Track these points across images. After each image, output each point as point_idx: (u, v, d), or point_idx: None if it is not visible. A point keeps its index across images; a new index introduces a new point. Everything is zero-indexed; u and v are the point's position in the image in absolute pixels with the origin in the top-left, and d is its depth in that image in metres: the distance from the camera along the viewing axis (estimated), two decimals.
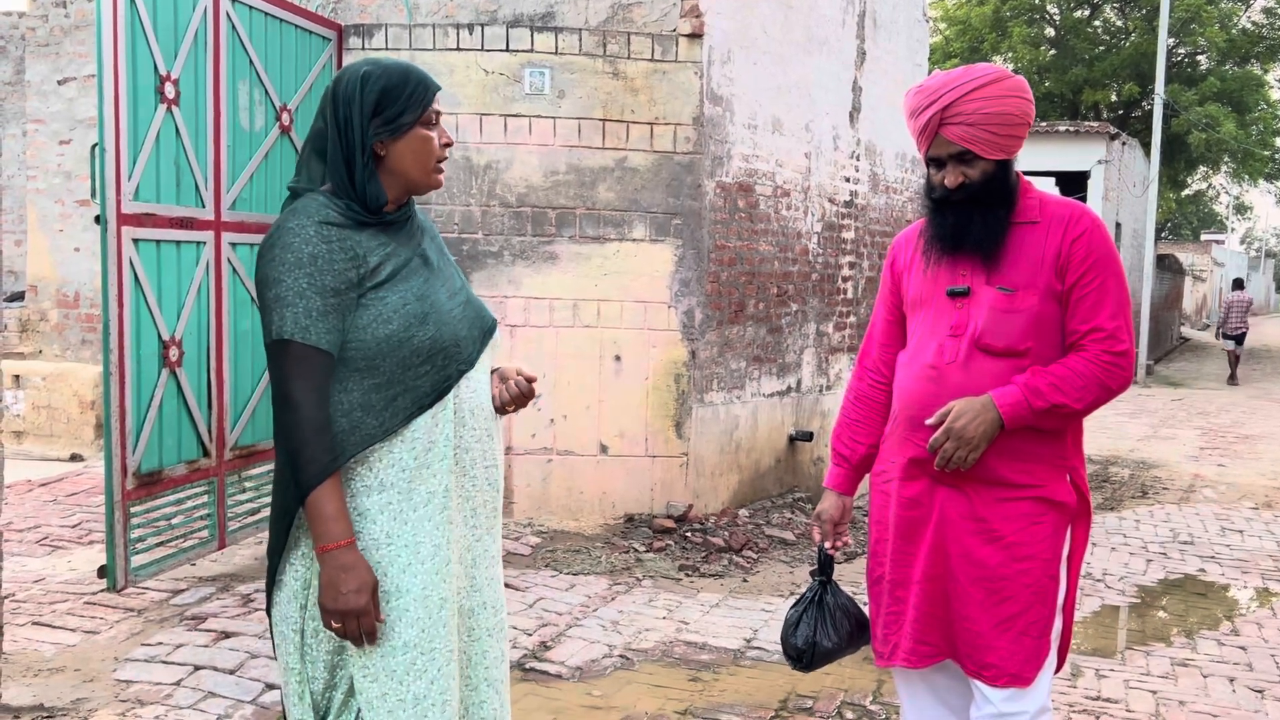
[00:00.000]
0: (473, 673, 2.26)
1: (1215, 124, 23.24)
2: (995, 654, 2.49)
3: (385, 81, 2.12)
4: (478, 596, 2.25)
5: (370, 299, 2.08)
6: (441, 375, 2.12)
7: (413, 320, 2.09)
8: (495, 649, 2.28)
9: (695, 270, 6.18)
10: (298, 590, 2.14)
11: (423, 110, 2.14)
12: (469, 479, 2.22)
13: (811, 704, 3.91)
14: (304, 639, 2.15)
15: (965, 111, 2.45)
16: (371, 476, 2.10)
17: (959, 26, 26.34)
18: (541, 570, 5.32)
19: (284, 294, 2.03)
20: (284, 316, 2.03)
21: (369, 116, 2.11)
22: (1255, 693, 4.26)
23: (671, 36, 6.14)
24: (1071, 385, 2.43)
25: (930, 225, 2.60)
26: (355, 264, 2.07)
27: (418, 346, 2.09)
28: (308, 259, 2.04)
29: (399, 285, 2.11)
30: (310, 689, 2.15)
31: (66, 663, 3.96)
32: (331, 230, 2.07)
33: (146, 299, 4.45)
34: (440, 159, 2.20)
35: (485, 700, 2.27)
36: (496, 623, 2.29)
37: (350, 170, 2.11)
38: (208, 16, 4.74)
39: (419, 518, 2.11)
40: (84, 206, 8.61)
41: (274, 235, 2.08)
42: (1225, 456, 10.41)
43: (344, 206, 2.10)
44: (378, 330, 2.07)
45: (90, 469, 7.20)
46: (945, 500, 2.54)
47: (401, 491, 2.10)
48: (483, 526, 2.26)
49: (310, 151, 2.17)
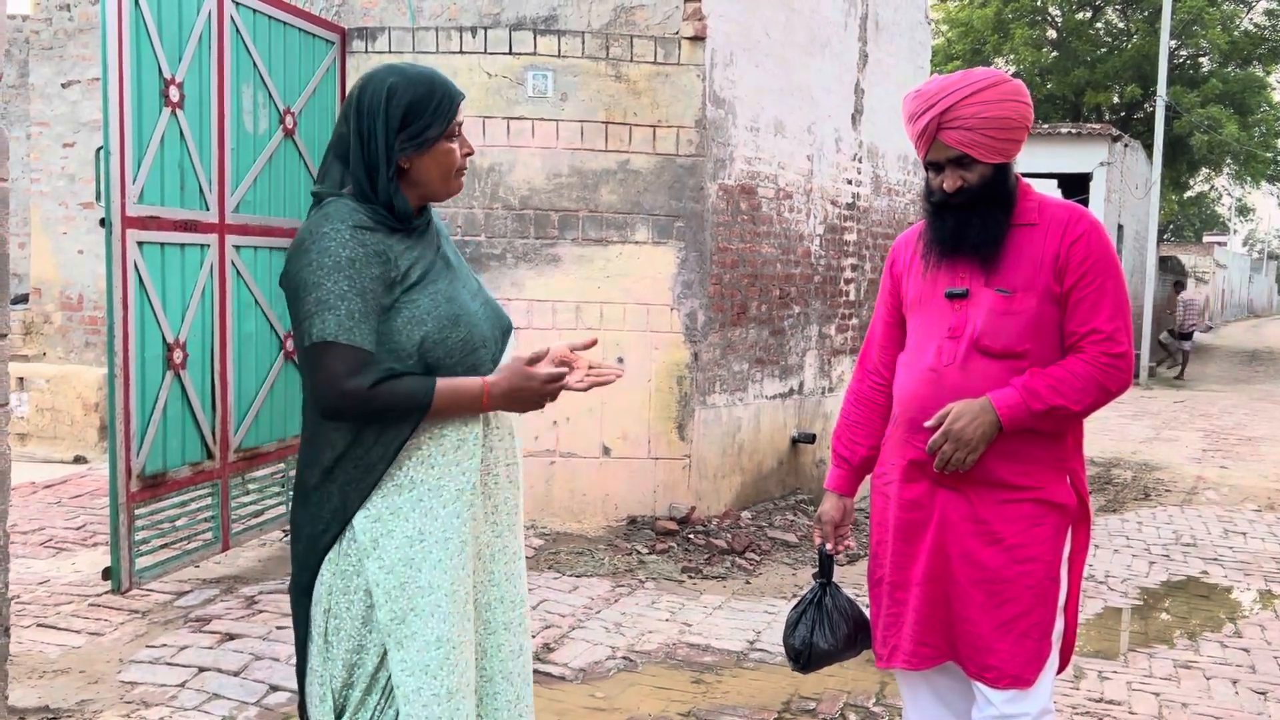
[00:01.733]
0: (488, 664, 2.29)
1: (1217, 126, 23.24)
2: (996, 656, 2.50)
3: (412, 95, 2.12)
4: (494, 591, 2.29)
5: (403, 302, 2.11)
6: (471, 374, 2.16)
7: (446, 322, 2.13)
8: (512, 642, 2.32)
9: (698, 272, 6.19)
10: (322, 595, 2.16)
11: (447, 124, 2.16)
12: (492, 476, 2.26)
13: (814, 705, 3.92)
14: (326, 640, 2.16)
15: (963, 116, 2.46)
16: (402, 475, 2.13)
17: (961, 28, 26.33)
18: (544, 572, 5.33)
19: (325, 297, 2.05)
20: (326, 320, 2.05)
21: (395, 131, 2.12)
22: (1258, 694, 4.26)
23: (674, 39, 6.16)
24: (1070, 387, 2.44)
25: (929, 229, 2.61)
26: (388, 268, 2.10)
27: (451, 348, 2.13)
28: (346, 262, 2.06)
29: (429, 288, 2.15)
30: (331, 688, 2.16)
31: (71, 664, 3.97)
32: (366, 234, 2.09)
33: (151, 301, 4.46)
34: (461, 169, 2.22)
35: (499, 692, 2.31)
36: (515, 617, 2.33)
37: (372, 180, 2.13)
38: (212, 20, 4.75)
39: (448, 514, 2.15)
40: (87, 209, 8.63)
41: (308, 239, 2.09)
42: (1228, 458, 10.41)
43: (371, 211, 2.12)
44: (413, 333, 2.11)
45: (94, 471, 7.22)
46: (946, 502, 2.54)
47: (431, 488, 2.14)
48: (503, 523, 2.30)
49: (333, 156, 2.19)
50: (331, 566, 2.15)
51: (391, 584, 2.11)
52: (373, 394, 2.06)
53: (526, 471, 6.46)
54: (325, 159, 2.21)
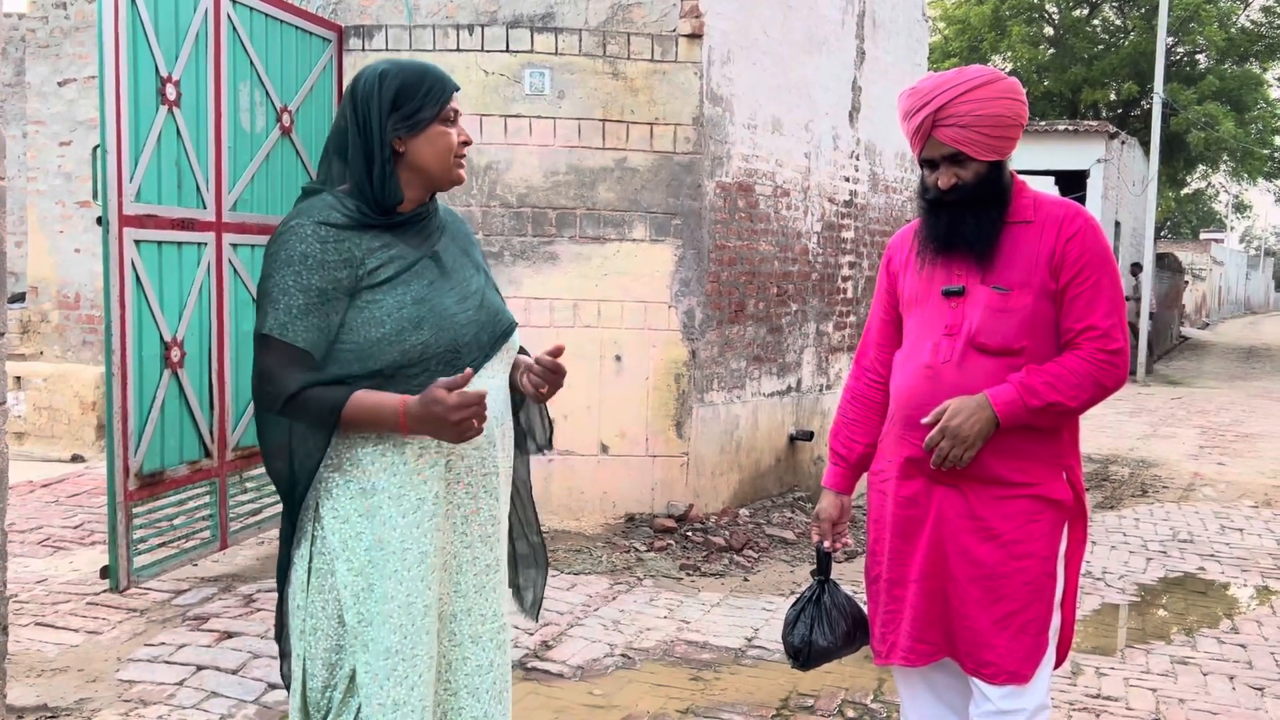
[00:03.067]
0: (452, 678, 2.25)
1: (1214, 123, 23.24)
2: (993, 652, 2.50)
3: (403, 79, 2.15)
4: (461, 603, 2.24)
5: (365, 300, 2.10)
6: (446, 376, 2.09)
7: (406, 325, 2.10)
8: (479, 656, 2.26)
9: (695, 270, 6.20)
10: (295, 591, 2.18)
11: (440, 107, 2.17)
12: (464, 486, 2.21)
13: (813, 702, 3.92)
14: (304, 637, 2.17)
15: (958, 114, 2.46)
16: (366, 480, 2.12)
17: (958, 26, 26.33)
18: None
19: (270, 289, 2.08)
20: (266, 312, 2.08)
21: (387, 113, 2.14)
22: (1255, 690, 4.27)
23: (671, 37, 6.16)
24: (1066, 384, 2.45)
25: (924, 226, 2.62)
26: (349, 265, 2.10)
27: (409, 351, 2.10)
28: (298, 257, 2.07)
29: (398, 288, 2.12)
30: (310, 685, 2.16)
31: (70, 663, 3.97)
32: (328, 230, 2.09)
33: (148, 300, 4.46)
34: (459, 155, 2.22)
35: (464, 707, 2.26)
36: (486, 630, 2.27)
37: (370, 167, 2.14)
38: (209, 18, 4.75)
39: (407, 524, 2.13)
40: (84, 208, 8.63)
41: (276, 233, 2.14)
42: (1225, 455, 10.42)
43: (353, 208, 2.13)
44: (370, 333, 2.09)
45: (91, 470, 7.22)
46: (942, 499, 2.55)
47: (392, 496, 2.12)
48: (474, 534, 2.24)
49: (331, 152, 2.21)
50: (303, 562, 2.16)
51: (359, 586, 2.13)
52: (292, 397, 2.06)
53: None
54: (324, 156, 2.22)
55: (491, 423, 2.20)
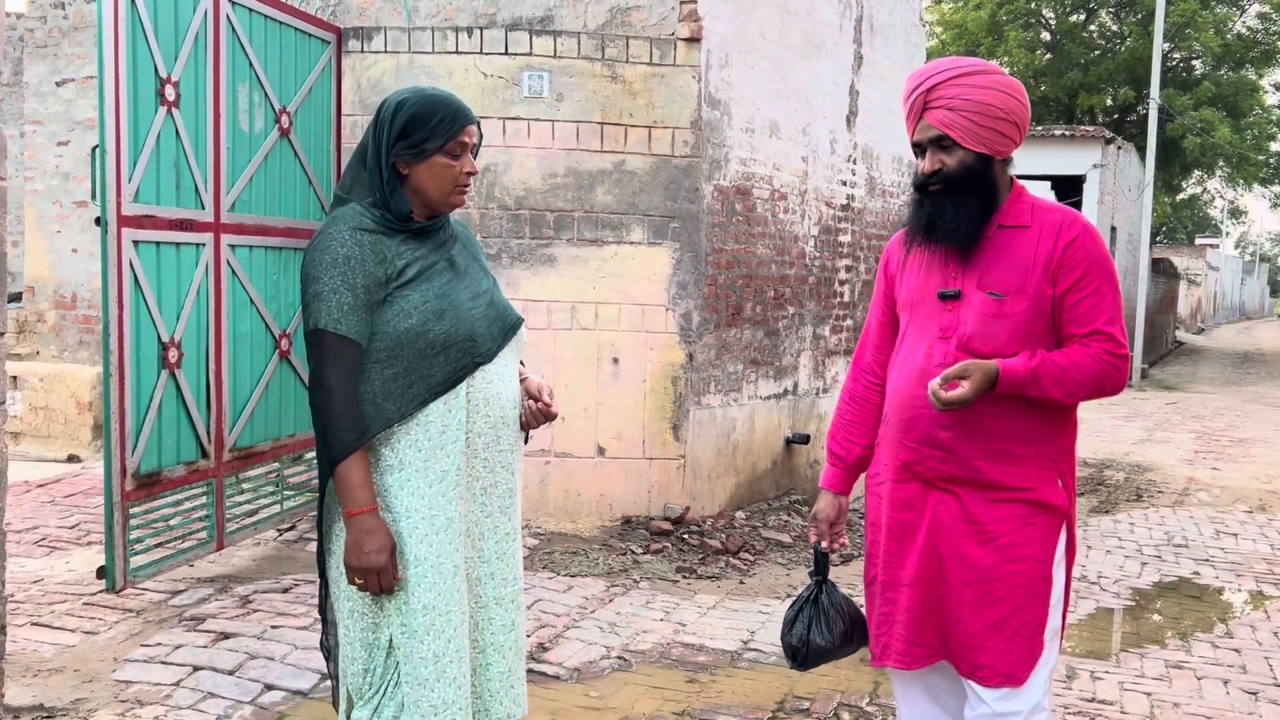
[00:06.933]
0: (480, 636, 2.50)
1: (1210, 128, 23.31)
2: (988, 655, 2.51)
3: (415, 110, 2.38)
4: (485, 567, 2.50)
5: (395, 296, 2.36)
6: (456, 366, 2.38)
7: (430, 316, 2.36)
8: (503, 616, 2.52)
9: (693, 273, 6.21)
10: (334, 565, 2.43)
11: (446, 140, 2.39)
12: (479, 460, 2.47)
13: (808, 705, 3.93)
14: (344, 625, 2.43)
15: (947, 96, 2.49)
16: (393, 456, 2.37)
17: (955, 31, 26.39)
18: (539, 572, 5.33)
19: (321, 290, 2.33)
20: (319, 310, 2.33)
21: (395, 139, 2.39)
22: (1249, 694, 4.28)
23: (670, 40, 6.17)
24: (1071, 379, 2.46)
25: (910, 214, 2.65)
26: (383, 265, 2.36)
27: (433, 339, 2.35)
28: (342, 260, 2.33)
29: (422, 285, 2.38)
30: (350, 670, 2.41)
31: (66, 663, 3.97)
32: (364, 235, 2.36)
33: (146, 300, 4.46)
34: (460, 185, 2.43)
35: (492, 663, 2.52)
36: (507, 593, 2.53)
37: (378, 182, 2.40)
38: (208, 19, 4.75)
39: (433, 493, 2.38)
40: (81, 208, 8.62)
41: (317, 239, 2.38)
42: (1220, 460, 10.45)
43: (379, 215, 2.39)
44: (399, 324, 2.35)
45: (88, 470, 7.21)
46: (937, 503, 2.56)
47: (418, 469, 2.37)
48: (493, 504, 2.50)
49: (356, 161, 2.46)
50: (340, 540, 2.38)
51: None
52: (336, 399, 2.30)
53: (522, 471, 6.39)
54: (350, 163, 2.48)
55: (505, 405, 2.48)
